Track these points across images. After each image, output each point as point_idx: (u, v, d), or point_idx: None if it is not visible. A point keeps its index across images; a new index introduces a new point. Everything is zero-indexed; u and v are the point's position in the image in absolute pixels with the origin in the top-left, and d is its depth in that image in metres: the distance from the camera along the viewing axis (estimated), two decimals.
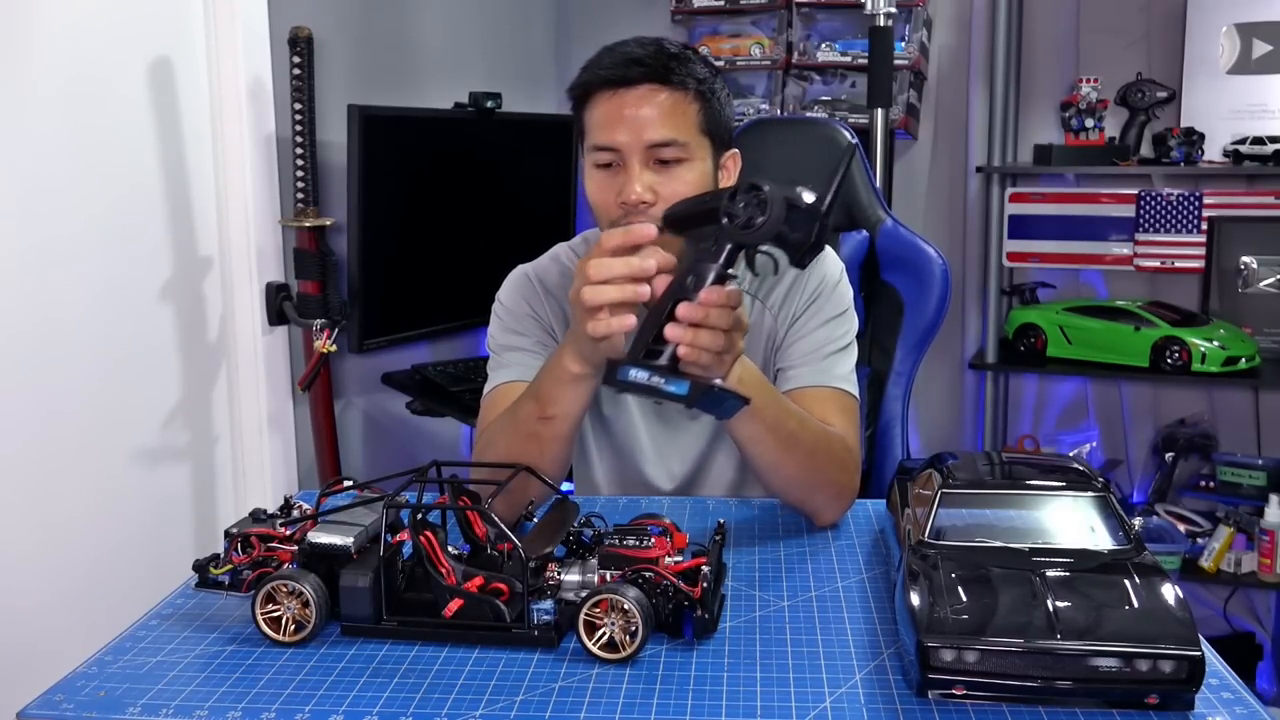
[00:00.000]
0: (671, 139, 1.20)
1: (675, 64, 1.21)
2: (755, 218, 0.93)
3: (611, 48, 1.25)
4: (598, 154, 1.23)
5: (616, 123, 1.20)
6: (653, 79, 1.20)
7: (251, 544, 0.96)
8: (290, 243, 2.01)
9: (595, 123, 1.23)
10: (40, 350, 1.60)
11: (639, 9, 2.93)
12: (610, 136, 1.21)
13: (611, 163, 1.22)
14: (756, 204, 0.93)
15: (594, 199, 1.25)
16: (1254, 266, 2.52)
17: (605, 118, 1.21)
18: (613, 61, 1.22)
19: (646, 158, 1.20)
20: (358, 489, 1.04)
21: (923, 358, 1.69)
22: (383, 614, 0.92)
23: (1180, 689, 0.79)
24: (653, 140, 1.20)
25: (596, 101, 1.23)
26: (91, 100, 1.68)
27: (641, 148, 1.20)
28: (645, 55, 1.21)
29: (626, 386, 0.97)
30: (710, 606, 0.91)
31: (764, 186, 0.93)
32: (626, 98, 1.20)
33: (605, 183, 1.23)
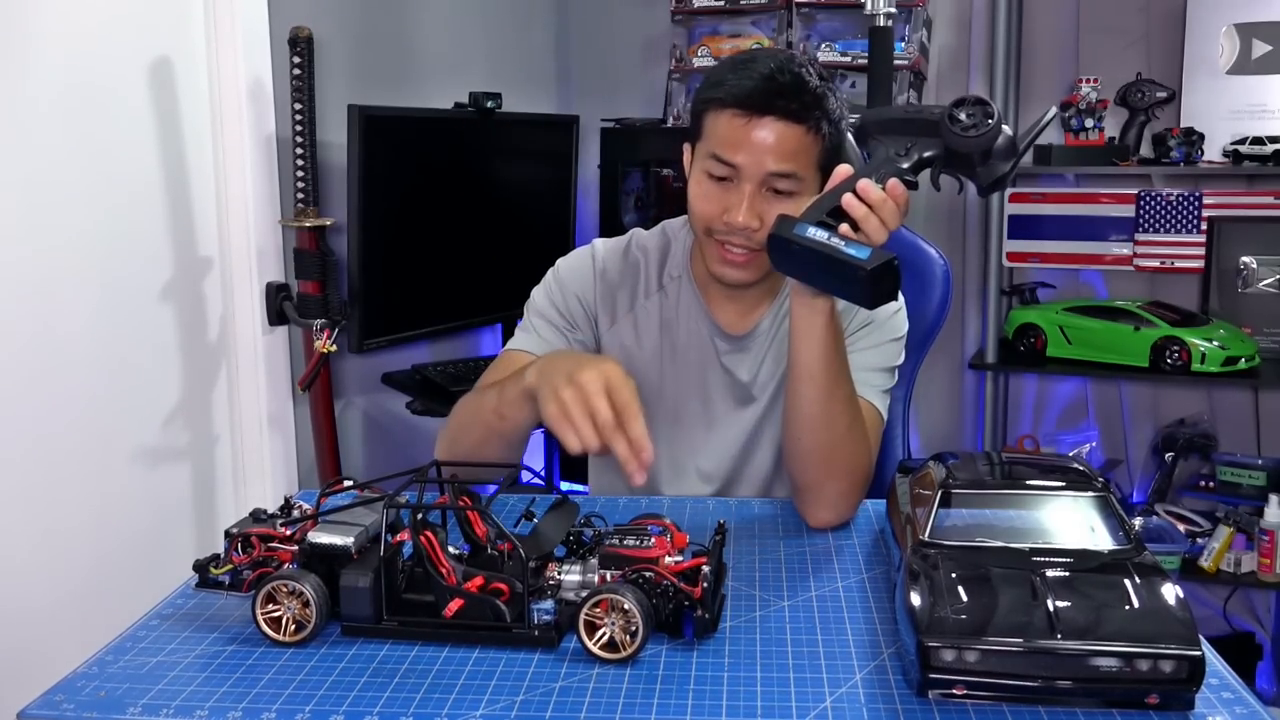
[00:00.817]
0: (792, 172, 1.21)
1: (813, 102, 1.21)
2: (978, 127, 1.01)
3: (748, 64, 1.23)
4: (713, 163, 1.23)
5: (741, 146, 1.21)
6: (787, 116, 1.20)
7: (252, 544, 0.96)
8: (290, 243, 2.01)
9: (719, 135, 1.23)
10: (41, 350, 1.60)
11: (639, 9, 2.93)
12: (732, 155, 1.22)
13: (726, 177, 1.23)
14: (983, 115, 1.02)
15: (698, 206, 1.26)
16: (1254, 266, 2.52)
17: (731, 136, 1.22)
18: (754, 87, 1.20)
19: (762, 185, 1.22)
20: (358, 489, 1.04)
21: (924, 358, 1.68)
22: (383, 614, 0.92)
23: (1180, 689, 0.79)
24: (773, 171, 1.21)
25: (725, 116, 1.22)
26: (92, 101, 1.68)
27: (761, 175, 1.21)
28: (788, 87, 1.20)
29: (796, 244, 1.02)
30: (710, 606, 0.91)
31: (990, 103, 1.02)
32: (759, 125, 1.20)
33: (715, 195, 1.24)
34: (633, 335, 1.39)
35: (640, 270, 1.39)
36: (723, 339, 1.37)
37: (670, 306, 1.38)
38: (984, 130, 1.01)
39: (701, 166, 1.26)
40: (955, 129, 1.02)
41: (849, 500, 1.21)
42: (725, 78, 1.23)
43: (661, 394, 1.39)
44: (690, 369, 1.38)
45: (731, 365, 1.37)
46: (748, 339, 1.37)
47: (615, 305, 1.39)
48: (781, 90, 1.20)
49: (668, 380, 1.39)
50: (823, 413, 1.18)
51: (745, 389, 1.38)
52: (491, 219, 2.36)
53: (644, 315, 1.38)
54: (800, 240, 1.02)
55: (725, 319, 1.37)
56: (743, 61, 1.24)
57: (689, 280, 1.38)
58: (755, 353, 1.37)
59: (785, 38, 2.68)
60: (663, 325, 1.38)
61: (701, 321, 1.37)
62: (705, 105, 1.25)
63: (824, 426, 1.18)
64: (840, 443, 1.19)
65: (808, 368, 1.16)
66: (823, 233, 1.02)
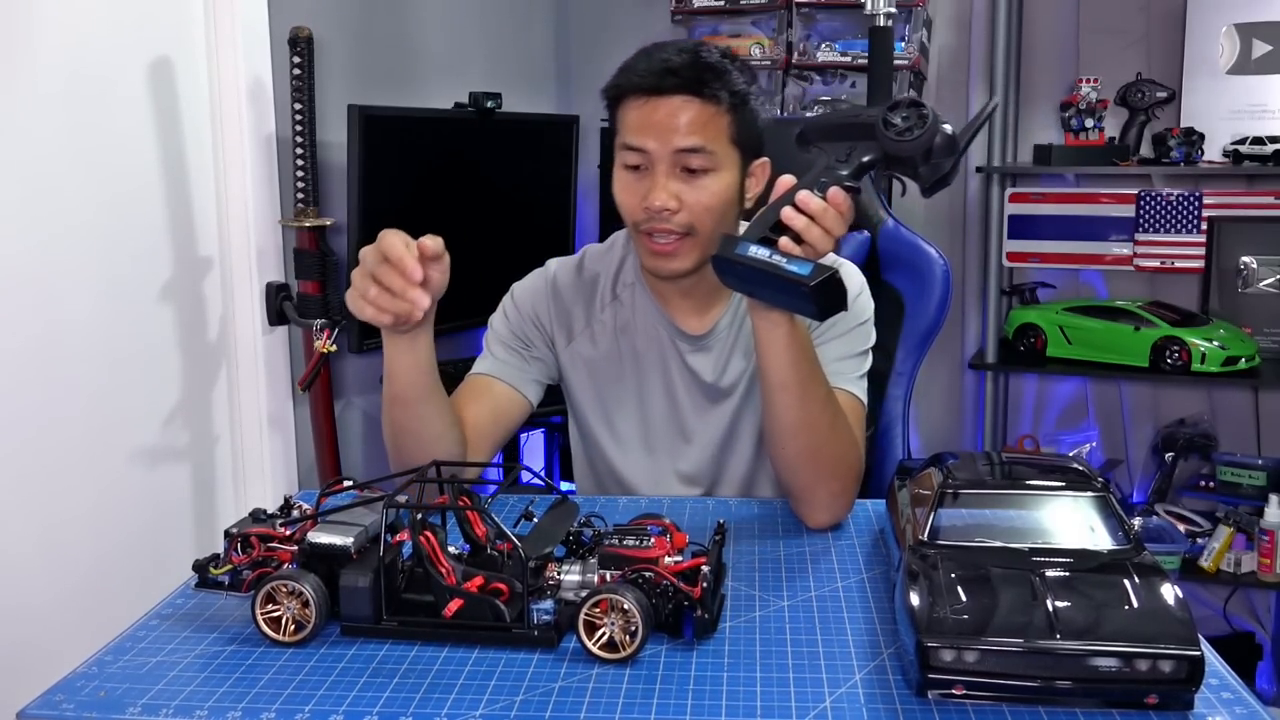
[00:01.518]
0: (700, 147, 1.22)
1: (710, 75, 1.22)
2: (914, 129, 1.00)
3: (649, 51, 1.25)
4: (627, 153, 1.25)
5: (647, 128, 1.22)
6: (686, 90, 1.21)
7: (251, 544, 0.96)
8: (290, 243, 2.01)
9: (627, 124, 1.25)
10: (41, 350, 1.60)
11: (639, 9, 2.93)
12: (640, 139, 1.23)
13: (640, 165, 1.24)
14: (918, 118, 1.00)
15: (620, 199, 1.28)
16: (1254, 266, 2.52)
17: (637, 122, 1.23)
18: (649, 69, 1.23)
19: (674, 164, 1.22)
20: (358, 489, 1.04)
21: (924, 358, 1.68)
22: (383, 614, 0.92)
23: (1180, 689, 0.79)
24: (680, 147, 1.22)
25: (630, 104, 1.24)
26: (92, 100, 1.68)
27: (669, 155, 1.22)
28: (681, 65, 1.22)
29: (739, 262, 1.01)
30: (710, 606, 0.91)
31: (925, 104, 1.00)
32: (660, 106, 1.22)
33: (632, 185, 1.25)
34: (592, 348, 1.39)
35: (596, 283, 1.40)
36: (683, 339, 1.37)
37: (626, 313, 1.38)
38: (919, 133, 1.00)
39: (619, 161, 1.27)
40: (890, 134, 1.01)
41: (843, 499, 1.21)
42: (628, 66, 1.26)
43: (628, 400, 1.39)
44: (653, 372, 1.38)
45: (695, 365, 1.37)
46: (708, 338, 1.37)
47: (572, 321, 1.39)
48: (676, 68, 1.22)
49: (632, 386, 1.39)
50: (802, 418, 1.17)
51: (712, 388, 1.37)
52: (491, 219, 2.36)
53: (600, 326, 1.39)
54: (742, 259, 1.02)
55: (683, 319, 1.37)
56: (645, 51, 1.27)
57: (642, 286, 1.38)
58: (718, 351, 1.37)
59: (785, 38, 2.68)
60: (620, 332, 1.38)
61: (659, 324, 1.37)
62: (613, 100, 1.27)
63: (806, 431, 1.17)
64: (825, 444, 1.18)
65: (778, 378, 1.15)
66: (764, 250, 1.01)
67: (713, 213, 1.24)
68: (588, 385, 1.40)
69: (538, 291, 1.40)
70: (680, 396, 1.38)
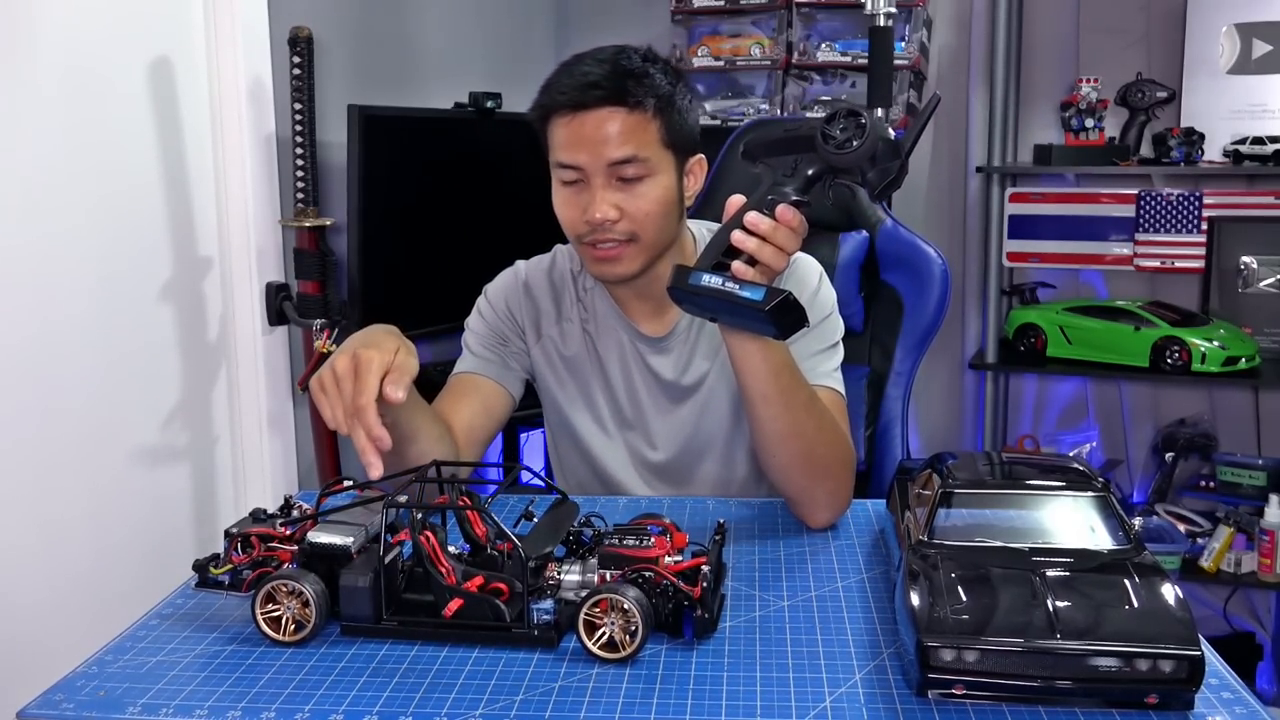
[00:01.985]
0: (632, 156, 1.22)
1: (632, 83, 1.22)
2: (853, 139, 0.98)
3: (570, 66, 1.26)
4: (562, 171, 1.26)
5: (577, 144, 1.23)
6: (610, 101, 1.22)
7: (251, 544, 0.96)
8: (290, 243, 2.01)
9: (557, 142, 1.26)
10: (40, 350, 1.60)
11: (639, 9, 2.93)
12: (572, 156, 1.24)
13: (576, 180, 1.25)
14: (855, 128, 0.98)
15: (561, 214, 1.29)
16: (1254, 266, 2.52)
17: (566, 139, 1.24)
18: (571, 84, 1.23)
19: (609, 176, 1.23)
20: (358, 489, 1.04)
21: (923, 358, 1.68)
22: (383, 614, 0.92)
23: (1180, 689, 0.79)
24: (613, 159, 1.22)
25: (557, 122, 1.25)
26: (91, 100, 1.68)
27: (603, 167, 1.23)
28: (601, 77, 1.22)
29: (696, 292, 1.00)
30: (710, 606, 0.91)
31: (863, 113, 0.98)
32: (586, 120, 1.22)
33: (571, 200, 1.27)
34: (562, 346, 1.41)
35: (565, 283, 1.42)
36: (643, 341, 1.38)
37: (589, 316, 1.40)
38: (859, 144, 0.98)
39: (555, 179, 1.28)
40: (830, 146, 0.99)
41: (841, 497, 1.21)
42: (550, 84, 1.26)
43: (597, 398, 1.40)
44: (616, 374, 1.39)
45: (656, 366, 1.38)
46: (668, 340, 1.38)
47: (540, 319, 1.41)
48: (597, 81, 1.22)
49: (599, 385, 1.40)
50: (789, 426, 1.16)
51: (674, 387, 1.38)
52: (491, 219, 2.36)
53: (569, 326, 1.40)
54: (696, 289, 1.01)
55: (642, 321, 1.38)
56: (566, 65, 1.27)
57: (601, 289, 1.39)
58: (678, 352, 1.38)
59: (785, 37, 2.68)
60: (584, 334, 1.40)
61: (619, 326, 1.38)
62: (540, 118, 1.28)
63: (794, 438, 1.17)
64: (814, 447, 1.18)
65: (759, 391, 1.15)
66: (717, 278, 1.00)
67: (653, 218, 1.25)
68: (556, 382, 1.42)
69: (510, 289, 1.42)
70: (643, 397, 1.39)
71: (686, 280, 1.01)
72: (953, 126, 2.78)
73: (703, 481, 1.40)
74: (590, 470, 1.43)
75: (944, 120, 2.80)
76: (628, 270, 1.28)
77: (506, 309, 1.41)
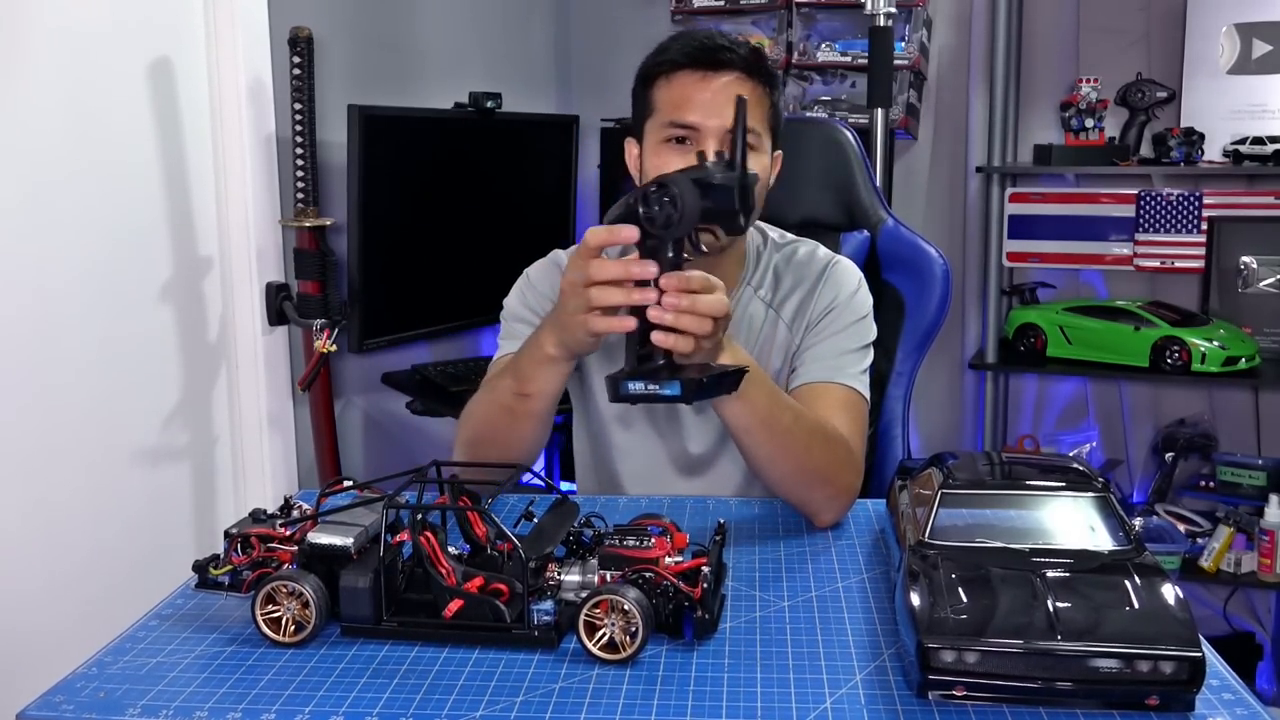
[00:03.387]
0: (752, 127, 1.23)
1: (759, 59, 1.26)
2: (671, 215, 0.94)
3: (690, 32, 1.28)
4: (672, 129, 1.25)
5: (700, 103, 1.24)
6: (741, 68, 1.24)
7: (251, 544, 0.96)
8: (290, 243, 2.01)
9: (672, 100, 1.25)
10: (40, 350, 1.60)
11: (639, 9, 2.93)
12: (691, 115, 1.24)
13: (684, 139, 1.25)
14: (669, 200, 0.94)
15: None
16: (1254, 266, 2.52)
17: (687, 96, 1.24)
18: (701, 45, 1.25)
19: (721, 141, 1.22)
20: (358, 489, 1.04)
21: (924, 358, 1.68)
22: (383, 614, 0.92)
23: (1180, 690, 0.78)
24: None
25: (678, 80, 1.25)
26: (92, 100, 1.68)
27: (720, 132, 1.22)
28: (733, 45, 1.25)
29: (631, 399, 0.99)
30: (710, 607, 0.91)
31: (668, 183, 0.94)
32: (713, 80, 1.24)
33: (676, 160, 1.23)
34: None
35: None
36: None
37: None
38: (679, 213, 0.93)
39: (658, 138, 1.26)
40: (655, 227, 0.95)
41: (842, 499, 1.21)
42: (669, 46, 1.27)
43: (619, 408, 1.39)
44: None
45: None
46: None
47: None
48: (728, 47, 1.24)
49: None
50: (776, 448, 1.18)
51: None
52: (491, 219, 2.36)
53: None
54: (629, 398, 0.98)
55: None
56: (683, 33, 1.29)
57: None
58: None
59: (785, 38, 2.68)
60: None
61: None
62: (654, 76, 1.28)
63: (783, 458, 1.18)
64: (805, 459, 1.18)
65: (740, 424, 1.16)
66: (639, 384, 0.97)
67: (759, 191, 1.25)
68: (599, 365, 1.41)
69: (553, 273, 1.41)
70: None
71: (619, 391, 0.98)
72: (953, 126, 2.78)
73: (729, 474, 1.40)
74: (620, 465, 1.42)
75: (944, 120, 2.80)
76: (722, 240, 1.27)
77: (551, 290, 1.39)
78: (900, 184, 2.75)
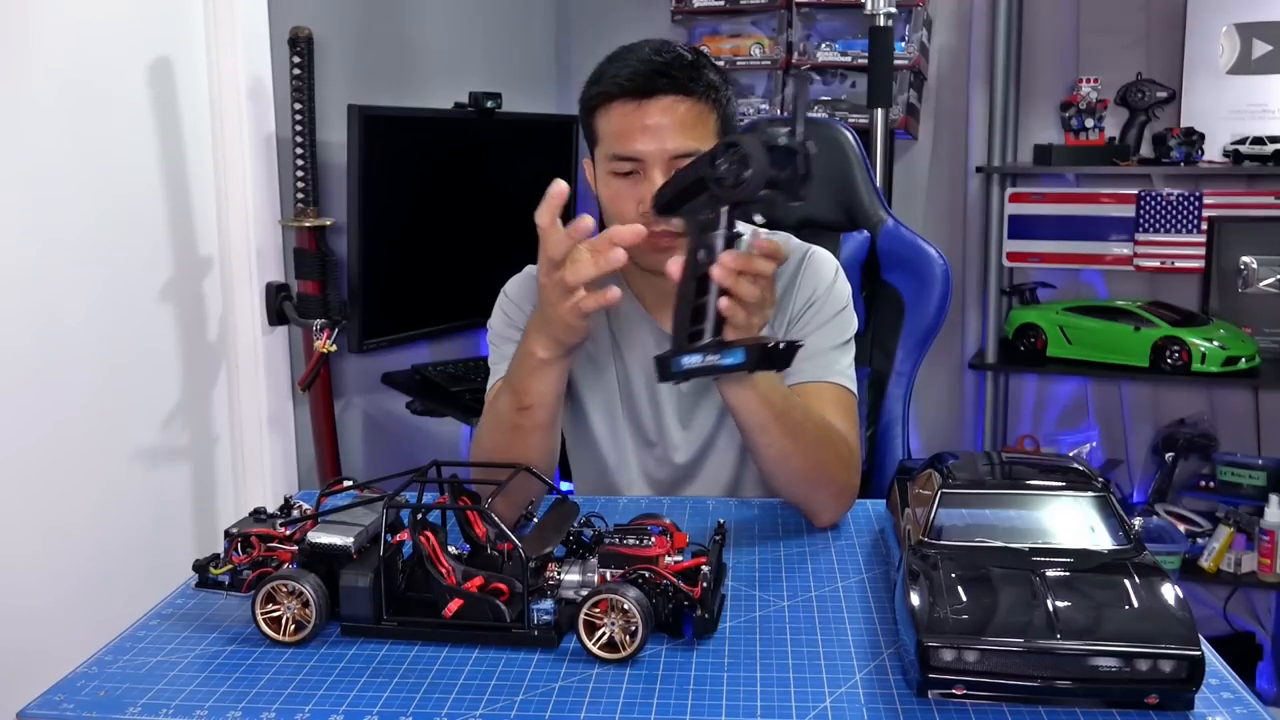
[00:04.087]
0: (694, 149, 1.19)
1: (694, 73, 1.21)
2: (741, 173, 0.95)
3: (624, 55, 1.24)
4: (617, 163, 1.23)
5: (639, 133, 1.20)
6: (676, 90, 1.20)
7: (252, 544, 0.96)
8: (290, 243, 2.01)
9: (613, 131, 1.23)
10: (40, 350, 1.60)
11: (639, 9, 2.93)
12: (632, 146, 1.21)
13: (632, 170, 1.22)
14: (738, 160, 0.95)
15: (612, 206, 1.26)
16: (1254, 266, 2.52)
17: (626, 127, 1.21)
18: (634, 71, 1.21)
19: (669, 168, 1.20)
20: (358, 489, 1.04)
21: (923, 358, 1.68)
22: (383, 614, 0.92)
23: (1180, 689, 0.79)
24: (676, 151, 1.20)
25: (615, 111, 1.22)
26: (91, 100, 1.68)
27: (665, 158, 1.20)
28: (666, 65, 1.21)
29: (685, 376, 0.99)
30: (710, 606, 0.91)
31: (739, 142, 0.95)
32: (650, 108, 1.20)
33: (625, 190, 1.23)
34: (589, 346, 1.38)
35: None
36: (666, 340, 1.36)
37: (614, 314, 1.38)
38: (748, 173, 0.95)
39: (605, 170, 1.25)
40: (724, 188, 0.97)
41: (844, 498, 1.21)
42: (603, 73, 1.24)
43: (615, 394, 1.40)
44: (637, 370, 1.38)
45: None
46: None
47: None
48: (661, 69, 1.20)
49: (620, 384, 1.39)
50: (786, 447, 1.16)
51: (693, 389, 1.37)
52: (491, 219, 2.36)
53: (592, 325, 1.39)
54: (682, 373, 0.99)
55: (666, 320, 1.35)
56: (616, 55, 1.25)
57: (626, 287, 1.36)
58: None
59: (785, 38, 2.68)
60: (609, 332, 1.38)
61: (645, 326, 1.37)
62: (593, 106, 1.25)
63: (793, 456, 1.17)
64: (813, 459, 1.18)
65: (753, 422, 1.15)
66: (695, 358, 0.98)
67: None
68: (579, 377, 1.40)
69: (528, 284, 1.40)
70: (662, 397, 1.38)
71: (670, 369, 0.99)
72: (953, 126, 2.78)
73: (715, 480, 1.40)
74: (605, 473, 1.42)
75: (944, 120, 2.80)
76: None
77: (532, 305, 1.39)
78: (900, 184, 2.75)
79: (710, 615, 0.90)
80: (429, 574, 0.92)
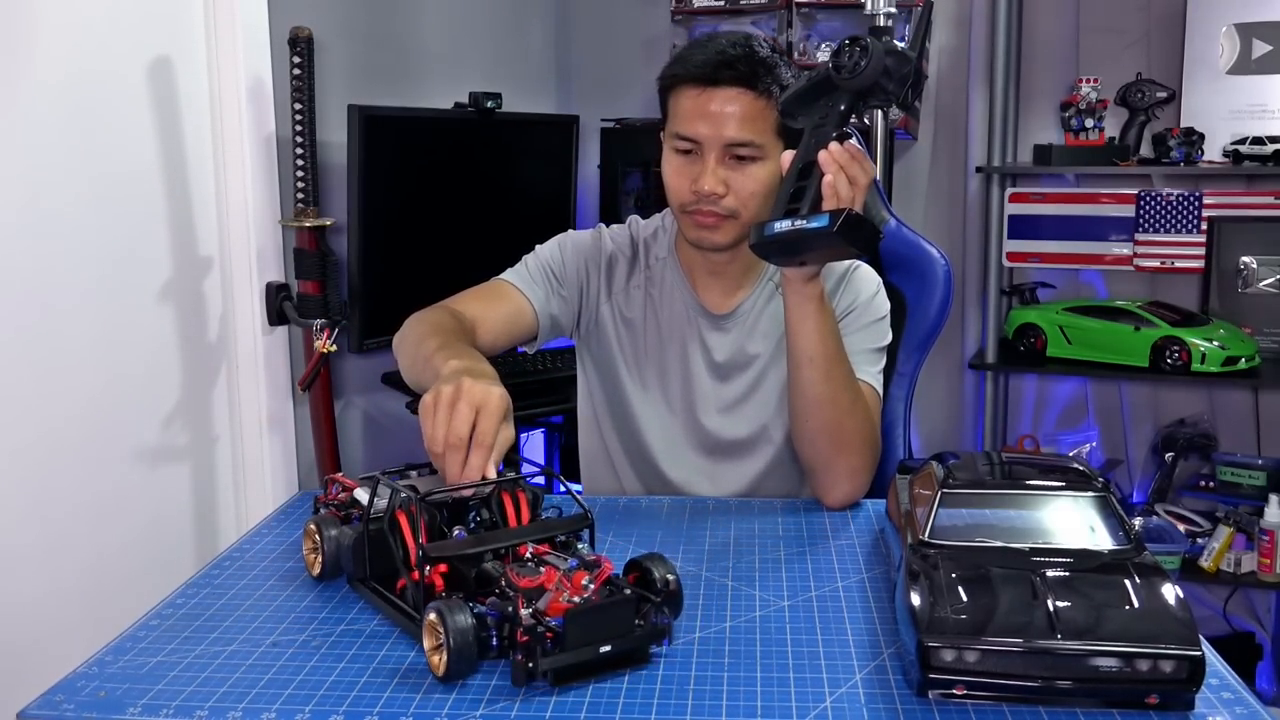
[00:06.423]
0: (749, 140, 1.27)
1: (763, 70, 1.27)
2: (860, 61, 1.07)
3: (704, 42, 1.31)
4: (678, 141, 1.31)
5: (700, 118, 1.28)
6: (740, 83, 1.27)
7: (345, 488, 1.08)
8: (290, 243, 2.01)
9: (680, 112, 1.30)
10: (40, 350, 1.60)
11: (639, 9, 2.93)
12: (692, 129, 1.28)
13: (690, 150, 1.30)
14: (860, 51, 1.07)
15: (670, 183, 1.34)
16: (1254, 266, 2.52)
17: (690, 110, 1.29)
18: (705, 60, 1.28)
19: (723, 154, 1.28)
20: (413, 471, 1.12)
21: (924, 358, 1.68)
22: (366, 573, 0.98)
23: (1180, 689, 0.79)
24: (732, 140, 1.27)
25: (683, 94, 1.30)
26: (92, 100, 1.68)
27: (720, 144, 1.28)
28: (736, 58, 1.27)
29: (772, 242, 1.09)
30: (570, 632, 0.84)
31: (863, 38, 1.08)
32: (714, 96, 1.27)
33: (683, 168, 1.31)
34: (627, 309, 1.45)
35: (638, 252, 1.46)
36: (704, 316, 1.42)
37: (655, 285, 1.44)
38: (866, 63, 1.06)
39: (670, 146, 1.33)
40: (843, 75, 1.08)
41: (862, 476, 1.26)
42: (682, 56, 1.32)
43: (651, 365, 1.44)
44: (674, 344, 1.43)
45: (711, 342, 1.42)
46: (729, 319, 1.42)
47: (613, 281, 1.45)
48: (731, 61, 1.27)
49: (655, 353, 1.43)
50: (826, 393, 1.23)
51: (723, 367, 1.42)
52: (491, 219, 2.36)
53: (635, 293, 1.45)
54: (771, 238, 1.09)
55: (708, 298, 1.43)
56: (699, 42, 1.32)
57: (674, 261, 1.44)
58: (736, 333, 1.42)
59: (785, 38, 2.68)
60: (648, 301, 1.44)
61: (685, 298, 1.43)
62: (667, 85, 1.33)
63: (829, 405, 1.24)
64: (845, 419, 1.25)
65: (806, 352, 1.22)
66: (785, 222, 1.08)
67: (756, 198, 1.30)
68: (621, 342, 1.45)
69: (592, 244, 1.45)
70: (694, 370, 1.42)
71: (762, 234, 1.09)
72: (953, 126, 2.78)
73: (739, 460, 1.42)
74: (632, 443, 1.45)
75: (944, 120, 2.80)
76: (723, 240, 1.33)
77: (582, 258, 1.44)
78: (900, 184, 2.75)
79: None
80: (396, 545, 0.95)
